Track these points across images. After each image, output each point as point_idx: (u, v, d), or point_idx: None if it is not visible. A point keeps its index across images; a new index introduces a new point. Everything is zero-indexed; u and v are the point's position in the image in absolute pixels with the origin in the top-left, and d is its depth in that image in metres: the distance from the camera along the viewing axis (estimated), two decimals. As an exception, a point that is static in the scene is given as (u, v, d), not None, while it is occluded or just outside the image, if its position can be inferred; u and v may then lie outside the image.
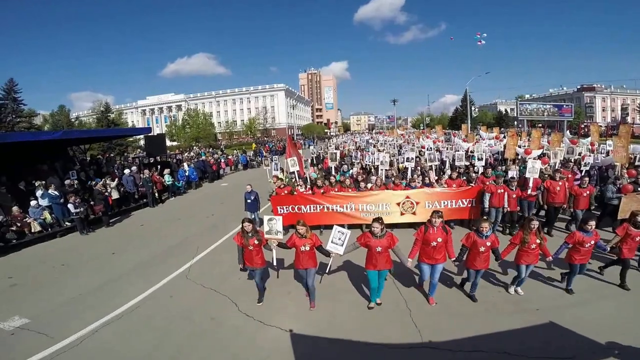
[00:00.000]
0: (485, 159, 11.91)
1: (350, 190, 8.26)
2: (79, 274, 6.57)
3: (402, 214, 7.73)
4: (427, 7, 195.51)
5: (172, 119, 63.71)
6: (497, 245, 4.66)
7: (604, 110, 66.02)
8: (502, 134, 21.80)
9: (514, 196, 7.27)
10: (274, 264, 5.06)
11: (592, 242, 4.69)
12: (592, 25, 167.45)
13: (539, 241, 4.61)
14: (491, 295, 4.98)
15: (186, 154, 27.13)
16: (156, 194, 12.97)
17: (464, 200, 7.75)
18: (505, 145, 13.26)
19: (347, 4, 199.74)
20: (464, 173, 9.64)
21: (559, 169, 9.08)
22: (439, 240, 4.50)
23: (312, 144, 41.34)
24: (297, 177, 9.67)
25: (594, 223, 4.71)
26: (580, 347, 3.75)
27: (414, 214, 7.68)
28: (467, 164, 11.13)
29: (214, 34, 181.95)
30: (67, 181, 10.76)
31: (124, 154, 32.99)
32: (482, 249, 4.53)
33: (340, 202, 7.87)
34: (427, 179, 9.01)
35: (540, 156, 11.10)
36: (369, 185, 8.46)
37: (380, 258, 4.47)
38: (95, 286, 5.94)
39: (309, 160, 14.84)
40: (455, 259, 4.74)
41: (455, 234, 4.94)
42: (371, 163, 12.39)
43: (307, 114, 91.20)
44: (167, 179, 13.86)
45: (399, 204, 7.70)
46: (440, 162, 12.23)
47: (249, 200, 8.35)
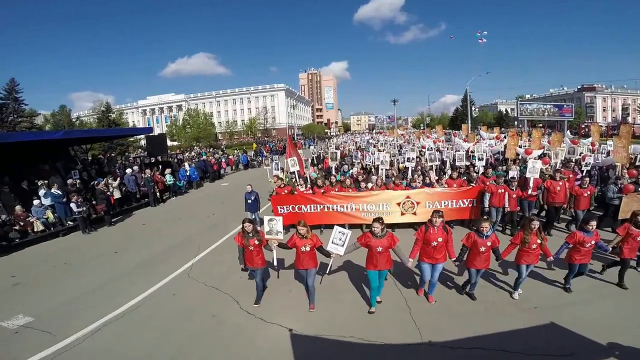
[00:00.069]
0: (486, 159, 11.95)
1: (350, 190, 8.28)
2: (81, 273, 6.61)
3: (403, 214, 7.74)
4: (427, 7, 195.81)
5: (173, 119, 63.81)
6: (498, 245, 4.66)
7: (604, 110, 65.90)
8: (502, 134, 21.79)
9: (514, 196, 7.29)
10: (275, 264, 5.09)
11: (593, 242, 4.70)
12: (593, 25, 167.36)
13: (539, 241, 4.60)
14: (490, 294, 5.01)
15: (187, 153, 27.17)
16: (157, 194, 13.04)
17: (465, 200, 7.76)
18: (505, 145, 13.30)
19: (347, 4, 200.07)
20: (465, 173, 9.67)
21: (559, 169, 9.11)
22: (440, 240, 4.51)
23: (312, 144, 41.36)
24: (298, 177, 9.71)
25: (595, 223, 4.72)
26: (579, 345, 3.78)
27: (415, 214, 7.70)
28: (468, 164, 11.14)
29: (214, 34, 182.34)
30: (69, 180, 10.83)
31: (125, 153, 33.06)
32: (483, 249, 4.54)
33: (341, 202, 7.89)
34: (427, 179, 9.02)
35: (541, 156, 11.12)
36: (370, 185, 8.48)
37: (380, 258, 4.47)
38: (98, 285, 5.98)
39: (309, 160, 14.88)
40: (455, 259, 4.75)
41: (456, 233, 4.96)
42: (371, 163, 12.43)
43: (307, 114, 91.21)
44: (169, 179, 13.90)
45: (399, 204, 7.71)
46: (441, 162, 12.25)
47: (249, 201, 8.36)
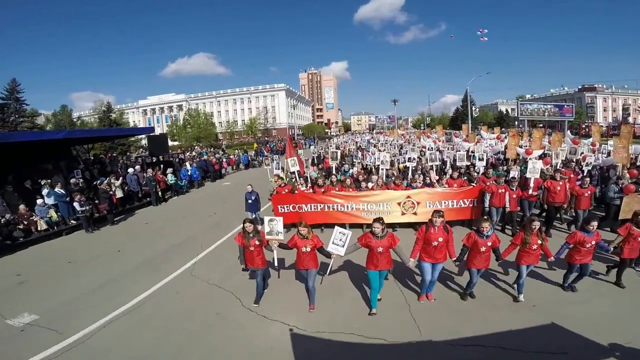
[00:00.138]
0: (487, 159, 11.99)
1: (351, 190, 8.33)
2: (85, 272, 6.67)
3: (403, 213, 7.77)
4: (427, 7, 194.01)
5: (173, 118, 63.86)
6: (498, 245, 4.67)
7: (605, 111, 65.80)
8: (503, 134, 21.82)
9: (514, 196, 7.33)
10: (275, 264, 5.13)
11: (593, 243, 4.70)
12: (593, 25, 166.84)
13: (540, 242, 4.61)
14: (489, 292, 5.07)
15: (188, 153, 27.24)
16: (159, 193, 13.11)
17: (465, 200, 7.79)
18: (506, 145, 13.34)
19: (347, 4, 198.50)
20: (465, 173, 9.71)
21: (559, 169, 9.15)
22: (440, 240, 4.52)
23: (312, 143, 41.41)
24: (298, 177, 9.76)
25: (596, 224, 4.73)
26: (576, 343, 3.83)
27: (415, 213, 7.73)
28: (468, 164, 11.18)
29: (214, 34, 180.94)
30: (72, 180, 10.90)
31: (126, 153, 33.14)
32: (483, 249, 4.55)
33: (342, 201, 7.93)
34: (428, 179, 9.05)
35: (541, 156, 11.15)
36: (370, 185, 8.52)
37: (381, 258, 4.48)
38: (101, 283, 6.04)
39: (310, 159, 14.93)
40: (455, 259, 4.77)
41: (456, 233, 5.00)
42: (372, 163, 12.47)
43: (307, 114, 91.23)
44: (170, 178, 13.97)
45: (400, 203, 7.75)
46: (442, 162, 12.30)
47: (249, 201, 8.37)
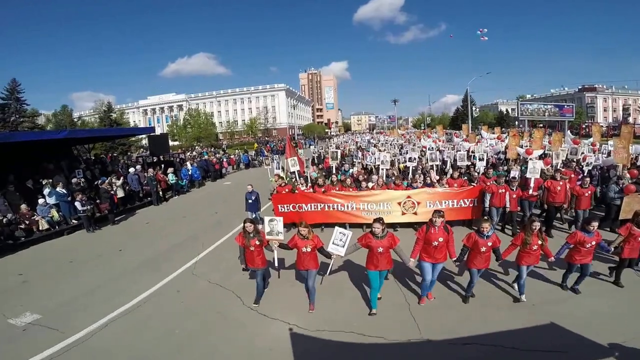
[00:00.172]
0: (487, 159, 12.01)
1: (351, 189, 8.34)
2: (86, 271, 6.69)
3: (404, 213, 7.79)
4: (427, 7, 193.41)
5: (174, 118, 63.90)
6: (498, 245, 4.67)
7: (605, 111, 65.74)
8: (503, 133, 21.83)
9: (514, 196, 7.34)
10: (275, 264, 5.14)
11: (593, 243, 4.71)
12: (593, 25, 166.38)
13: (540, 242, 4.62)
14: (489, 292, 5.09)
15: (188, 153, 27.29)
16: (160, 193, 13.14)
17: (466, 200, 7.80)
18: (507, 145, 13.35)
19: (347, 4, 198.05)
20: (466, 173, 9.72)
21: (560, 169, 9.16)
22: (440, 240, 4.52)
23: (312, 143, 41.43)
24: (298, 177, 9.78)
25: (596, 224, 4.74)
26: (575, 342, 3.85)
27: (415, 213, 7.74)
28: (469, 164, 11.20)
29: (214, 34, 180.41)
30: (73, 180, 10.92)
31: (127, 153, 33.16)
32: (484, 249, 4.55)
33: (342, 201, 7.95)
34: (428, 179, 9.06)
35: (542, 156, 11.16)
36: (370, 185, 8.54)
37: (381, 258, 4.48)
38: (103, 282, 6.06)
39: (310, 159, 14.94)
40: (456, 259, 4.77)
41: (456, 233, 5.01)
42: (372, 163, 12.49)
43: (307, 113, 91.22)
44: (171, 178, 14.00)
45: (400, 203, 7.76)
46: (442, 162, 12.32)
47: (250, 201, 8.38)
